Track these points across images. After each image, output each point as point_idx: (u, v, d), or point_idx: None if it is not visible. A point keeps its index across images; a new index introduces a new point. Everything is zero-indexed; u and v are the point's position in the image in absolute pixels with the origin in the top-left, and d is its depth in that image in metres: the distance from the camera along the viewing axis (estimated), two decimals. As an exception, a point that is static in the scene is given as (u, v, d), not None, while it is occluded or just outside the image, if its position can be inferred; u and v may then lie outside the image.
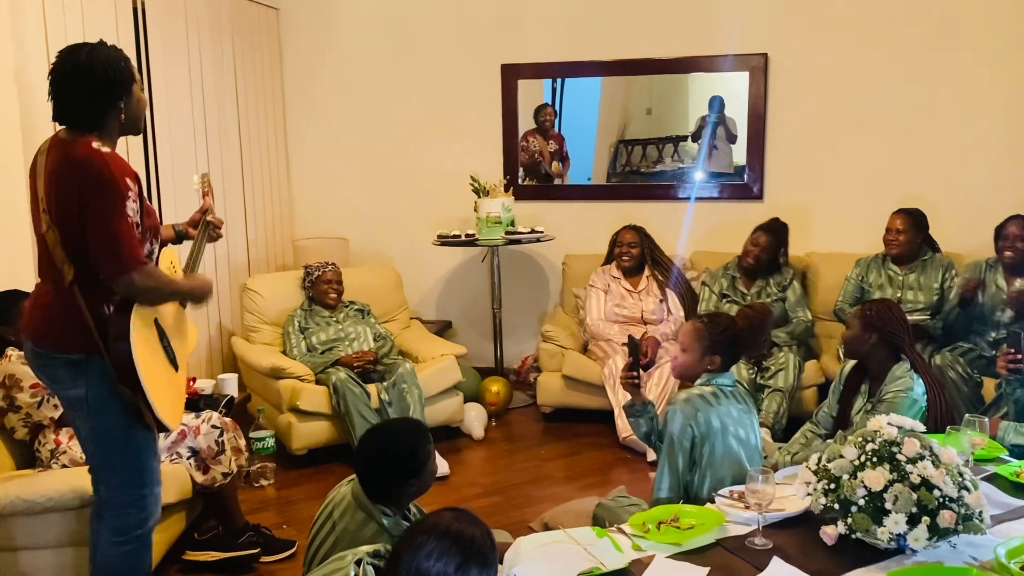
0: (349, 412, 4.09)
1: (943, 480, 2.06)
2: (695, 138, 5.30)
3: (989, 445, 2.74)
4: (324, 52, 5.63)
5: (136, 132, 2.54)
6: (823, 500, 2.17)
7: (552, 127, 5.53)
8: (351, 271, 4.90)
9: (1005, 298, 4.08)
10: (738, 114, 5.18)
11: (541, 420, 4.91)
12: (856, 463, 2.14)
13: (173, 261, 2.67)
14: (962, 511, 2.05)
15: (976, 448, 2.57)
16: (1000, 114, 4.77)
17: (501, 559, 2.33)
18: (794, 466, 2.91)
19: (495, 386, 4.96)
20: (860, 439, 2.20)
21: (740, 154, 5.22)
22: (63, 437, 3.09)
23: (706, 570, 2.08)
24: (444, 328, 5.58)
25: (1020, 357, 3.16)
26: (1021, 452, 2.85)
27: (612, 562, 2.12)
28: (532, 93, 5.48)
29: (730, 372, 2.74)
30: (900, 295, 4.41)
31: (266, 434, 4.25)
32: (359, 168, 5.70)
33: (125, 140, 4.05)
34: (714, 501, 2.46)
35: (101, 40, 2.42)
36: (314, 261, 4.78)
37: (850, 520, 2.09)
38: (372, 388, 4.24)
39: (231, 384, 4.26)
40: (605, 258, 5.03)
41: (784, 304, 4.62)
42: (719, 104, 5.22)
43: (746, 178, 5.21)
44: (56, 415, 3.07)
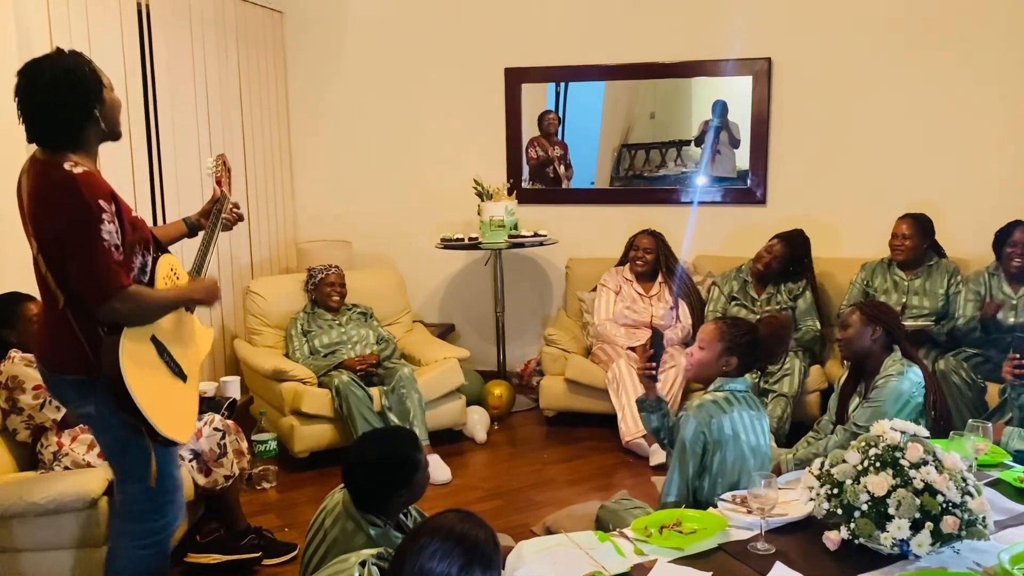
0: (351, 415, 4.09)
1: (946, 485, 2.05)
2: (698, 142, 5.30)
3: (993, 451, 2.73)
4: (328, 55, 5.64)
5: (115, 138, 2.42)
6: (826, 505, 2.16)
7: (556, 133, 5.53)
8: (354, 274, 4.90)
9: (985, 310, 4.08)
10: (741, 118, 5.18)
11: (544, 424, 4.91)
12: (859, 468, 2.14)
13: (174, 266, 2.60)
14: (965, 517, 2.04)
15: (980, 453, 2.57)
16: (1006, 118, 4.75)
17: (503, 563, 2.33)
18: (797, 471, 2.90)
19: (498, 389, 4.96)
20: (863, 444, 2.19)
21: (743, 158, 5.22)
22: (65, 439, 3.09)
23: (708, 575, 2.08)
24: (447, 331, 5.58)
25: (1021, 360, 3.16)
26: (1025, 458, 2.84)
27: (614, 566, 2.12)
28: (536, 97, 5.48)
29: (744, 378, 2.72)
30: (905, 300, 4.40)
31: (268, 437, 4.25)
32: (362, 171, 5.71)
33: (129, 145, 4.07)
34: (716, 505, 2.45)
35: (58, 49, 2.32)
36: (317, 264, 4.79)
37: (853, 525, 2.09)
38: (375, 391, 4.24)
39: (233, 387, 4.25)
40: (620, 259, 5.02)
41: (794, 312, 4.60)
42: (722, 108, 5.22)
43: (749, 183, 5.21)
44: (58, 417, 3.07)
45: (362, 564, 1.86)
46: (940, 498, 2.04)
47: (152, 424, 2.32)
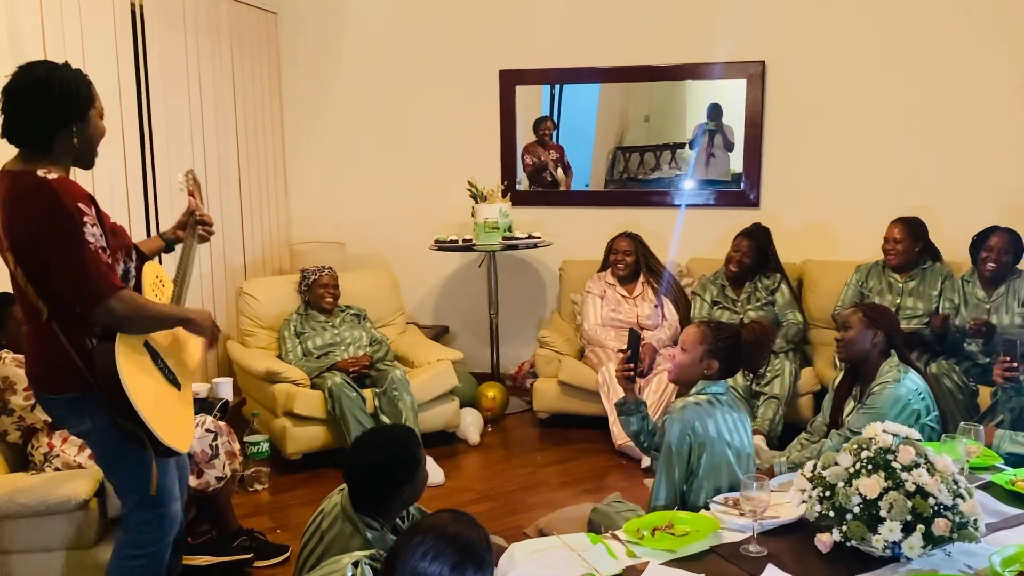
0: (344, 417, 4.08)
1: (938, 488, 2.06)
2: (692, 145, 5.31)
3: (984, 453, 2.73)
4: (323, 57, 5.63)
5: (86, 166, 2.34)
6: (818, 507, 2.16)
7: (550, 139, 5.53)
8: (348, 275, 4.89)
9: (968, 326, 4.07)
10: (735, 122, 5.19)
11: (537, 426, 4.91)
12: (851, 471, 2.14)
13: (159, 274, 2.54)
14: (957, 519, 2.05)
15: (971, 456, 2.58)
16: (1000, 122, 4.77)
17: (496, 564, 2.33)
18: (789, 473, 2.91)
19: (491, 391, 4.96)
20: (855, 446, 2.20)
21: (737, 162, 5.23)
22: (56, 440, 3.08)
23: (700, 577, 2.08)
24: (441, 333, 5.58)
25: (1016, 365, 3.17)
26: (1017, 460, 2.85)
27: (606, 568, 2.12)
28: (531, 99, 5.49)
29: (724, 381, 2.73)
30: (899, 302, 4.41)
31: (261, 438, 4.24)
32: (356, 172, 5.70)
33: (122, 146, 4.06)
34: (709, 508, 2.45)
35: (66, 62, 2.29)
36: (311, 265, 4.78)
37: (845, 528, 2.09)
38: (368, 393, 4.24)
39: (226, 388, 4.24)
40: (601, 265, 5.04)
41: (774, 308, 4.62)
42: (717, 112, 5.23)
43: (743, 186, 5.22)
44: (49, 418, 3.06)
45: (355, 564, 1.85)
46: (932, 501, 2.04)
47: (154, 432, 2.27)
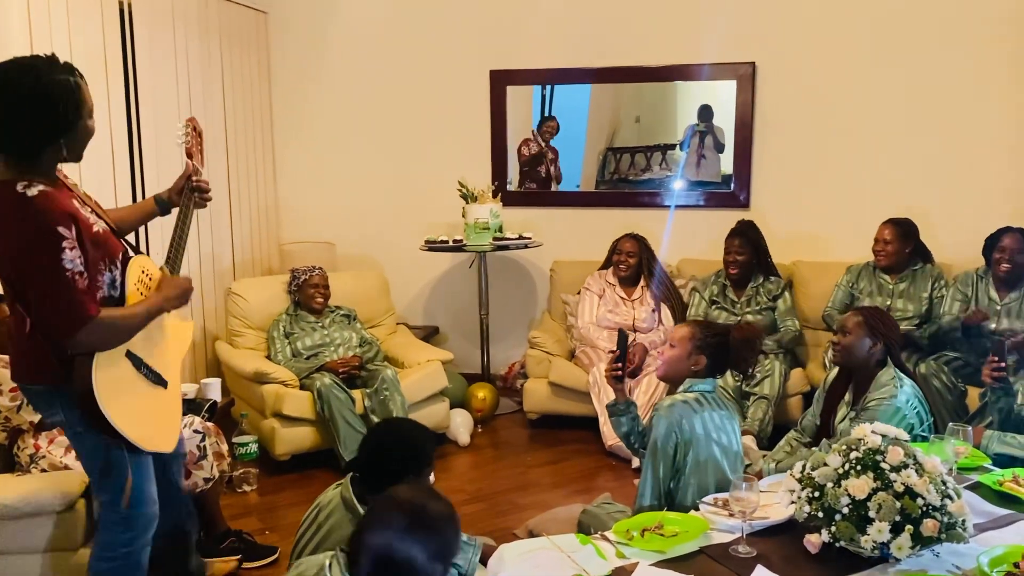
0: (333, 418, 4.07)
1: (926, 489, 2.06)
2: (683, 147, 5.31)
3: (972, 454, 2.74)
4: (313, 56, 5.62)
5: (76, 160, 2.27)
6: (807, 508, 2.17)
7: (552, 138, 5.53)
8: (337, 276, 4.87)
9: (967, 317, 4.06)
10: (726, 123, 5.20)
11: (527, 426, 4.90)
12: (840, 471, 2.14)
13: (145, 268, 2.46)
14: (945, 520, 2.05)
15: (960, 457, 2.58)
16: (991, 123, 4.79)
17: (484, 562, 2.33)
18: (778, 474, 2.91)
19: (481, 392, 4.95)
20: (844, 447, 2.20)
21: (728, 163, 5.23)
22: (43, 441, 3.05)
23: (689, 578, 2.08)
24: (431, 334, 5.57)
25: (1003, 365, 3.18)
26: (1005, 461, 2.86)
27: (596, 569, 2.11)
28: (521, 99, 5.48)
29: (711, 379, 2.73)
30: (890, 303, 4.42)
31: (249, 439, 4.22)
32: (346, 172, 5.69)
33: (110, 145, 4.04)
34: (698, 508, 2.45)
35: (52, 60, 2.14)
36: (300, 265, 4.76)
37: (834, 528, 2.09)
38: (357, 394, 4.22)
39: (214, 389, 4.23)
40: (603, 263, 5.02)
41: (774, 313, 4.63)
42: (707, 113, 5.23)
43: (733, 187, 5.22)
44: (35, 419, 3.04)
45: (333, 555, 1.86)
46: (920, 501, 2.05)
47: (134, 443, 2.28)
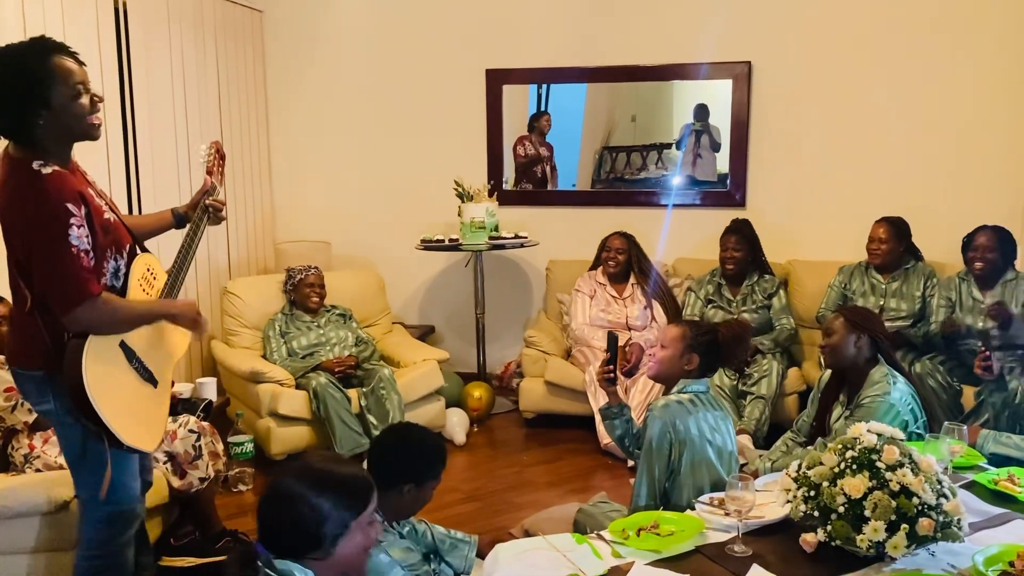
0: (329, 417, 4.06)
1: (922, 488, 2.06)
2: (680, 146, 5.31)
3: (968, 453, 2.74)
4: (308, 55, 5.61)
5: (85, 138, 2.26)
6: (803, 507, 2.17)
7: (547, 134, 5.52)
8: (333, 275, 4.87)
9: (984, 309, 4.05)
10: (722, 122, 5.20)
11: (523, 426, 4.90)
12: (836, 470, 2.14)
13: (151, 266, 2.50)
14: (941, 519, 2.05)
15: (955, 456, 2.58)
16: (983, 124, 4.79)
17: (482, 555, 2.35)
18: (774, 473, 2.91)
19: (477, 391, 4.95)
20: (840, 446, 2.20)
21: (724, 162, 5.23)
22: (37, 441, 3.05)
23: (685, 577, 2.08)
24: (427, 333, 5.56)
25: (988, 354, 3.21)
26: (1000, 461, 2.86)
27: (591, 569, 2.11)
28: (517, 98, 5.47)
29: (705, 380, 2.74)
30: (883, 303, 4.43)
31: (245, 439, 4.21)
32: (342, 171, 5.68)
33: (105, 144, 4.02)
34: (694, 508, 2.45)
35: (24, 41, 2.17)
36: (296, 264, 4.75)
37: (829, 527, 2.09)
38: (353, 393, 4.22)
39: (210, 388, 4.21)
40: (592, 263, 5.03)
41: (769, 311, 4.64)
42: (703, 112, 5.23)
43: (728, 186, 5.23)
44: (30, 419, 3.03)
45: None
46: (916, 500, 2.05)
47: (115, 433, 2.25)
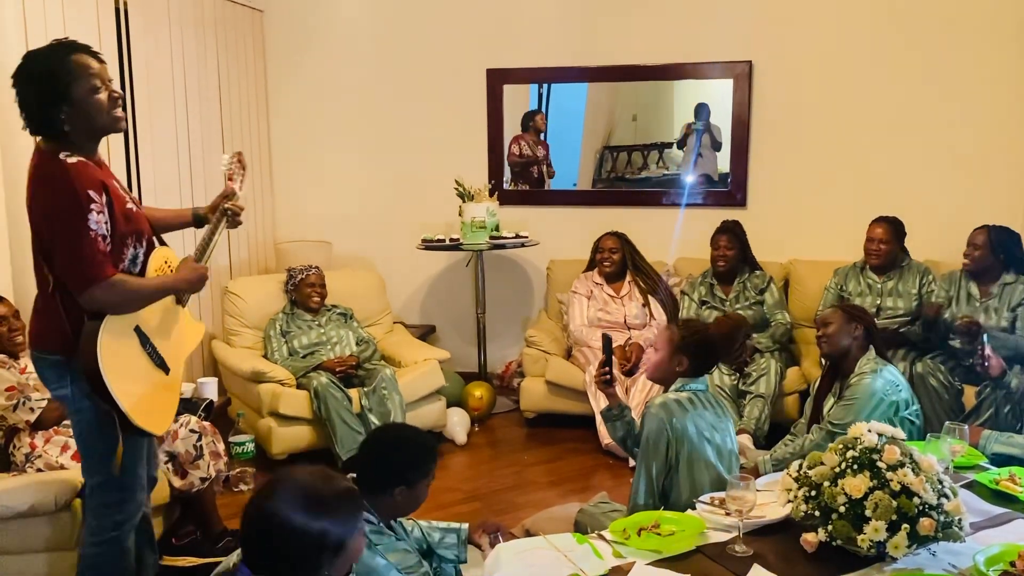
0: (330, 417, 4.07)
1: (923, 487, 2.06)
2: (680, 145, 5.31)
3: (969, 453, 2.74)
4: (309, 55, 5.60)
5: (109, 131, 2.41)
6: (804, 507, 2.16)
7: (542, 133, 5.52)
8: (334, 275, 4.87)
9: (957, 324, 4.03)
10: (722, 121, 5.20)
11: (524, 425, 4.90)
12: (837, 470, 2.14)
13: (168, 259, 2.58)
14: (942, 518, 2.05)
15: (956, 455, 2.58)
16: (985, 123, 4.79)
17: (472, 542, 2.37)
18: (775, 472, 2.91)
19: (478, 391, 4.95)
20: (841, 446, 2.20)
21: (724, 161, 5.23)
22: (39, 441, 3.05)
23: (686, 577, 2.08)
24: (427, 333, 5.56)
25: (979, 351, 3.27)
26: (1002, 461, 2.86)
27: (592, 569, 2.11)
28: (518, 98, 5.47)
29: (703, 378, 2.74)
30: (880, 303, 4.43)
31: (246, 438, 4.22)
32: (343, 171, 5.68)
33: (105, 143, 4.01)
34: (693, 507, 2.45)
35: (50, 44, 2.33)
36: (297, 264, 4.75)
37: (831, 527, 2.09)
38: (354, 393, 4.22)
39: (211, 388, 4.21)
40: (587, 264, 5.03)
41: (763, 308, 4.64)
42: (704, 112, 5.23)
43: (729, 185, 5.22)
44: (32, 418, 3.04)
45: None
46: (917, 500, 2.04)
47: (125, 413, 2.32)
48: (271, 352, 4.45)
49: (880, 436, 2.19)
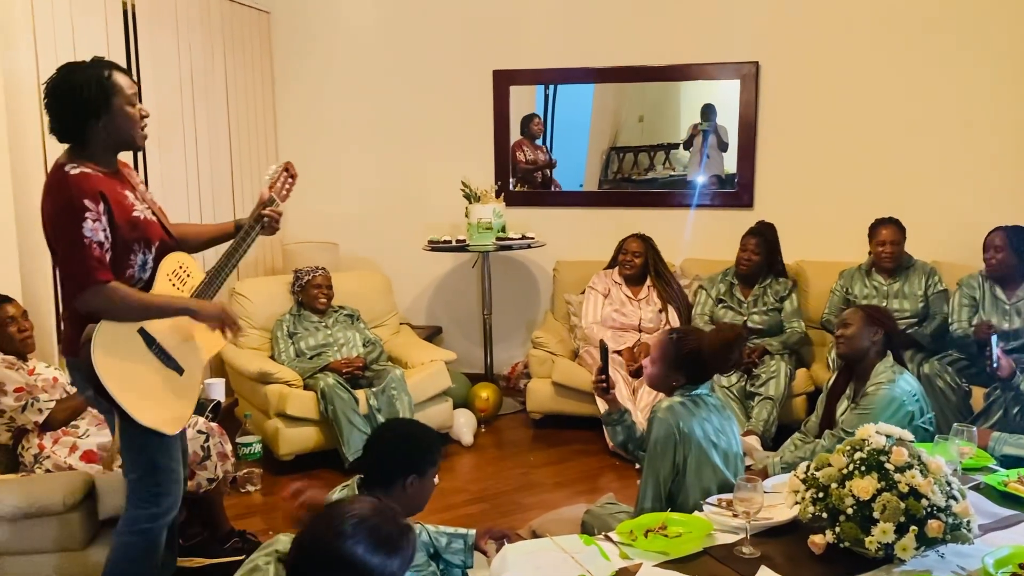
0: (337, 418, 4.07)
1: (931, 489, 2.05)
2: (687, 146, 5.31)
3: (977, 455, 2.73)
4: (316, 56, 5.62)
5: (132, 146, 2.53)
6: (811, 509, 2.16)
7: (539, 137, 5.52)
8: (341, 276, 4.87)
9: (975, 328, 4.02)
10: (729, 122, 5.19)
11: (530, 426, 4.90)
12: (844, 472, 2.14)
13: (183, 264, 2.61)
14: (950, 520, 2.04)
15: (964, 457, 2.57)
16: (995, 124, 4.78)
17: (479, 548, 2.40)
18: (783, 474, 2.90)
19: (485, 392, 4.95)
20: (848, 447, 2.19)
21: (731, 162, 5.23)
22: (47, 442, 3.06)
23: (693, 579, 2.07)
24: (434, 334, 5.57)
25: (988, 353, 3.24)
26: (1011, 463, 2.85)
27: (599, 570, 2.11)
28: (524, 99, 5.48)
29: (708, 382, 2.72)
30: (886, 304, 4.40)
31: (253, 439, 4.23)
32: (349, 172, 5.69)
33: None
34: (700, 510, 2.44)
35: (93, 58, 2.42)
36: (303, 265, 4.76)
37: (838, 529, 2.08)
38: (360, 394, 4.22)
39: (218, 389, 4.23)
40: (609, 262, 5.02)
41: (779, 314, 4.62)
42: (711, 112, 5.23)
43: (736, 186, 5.22)
44: (40, 419, 3.05)
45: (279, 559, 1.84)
46: (925, 502, 2.03)
47: (126, 411, 2.36)
48: (278, 353, 4.46)
49: (888, 438, 2.18)
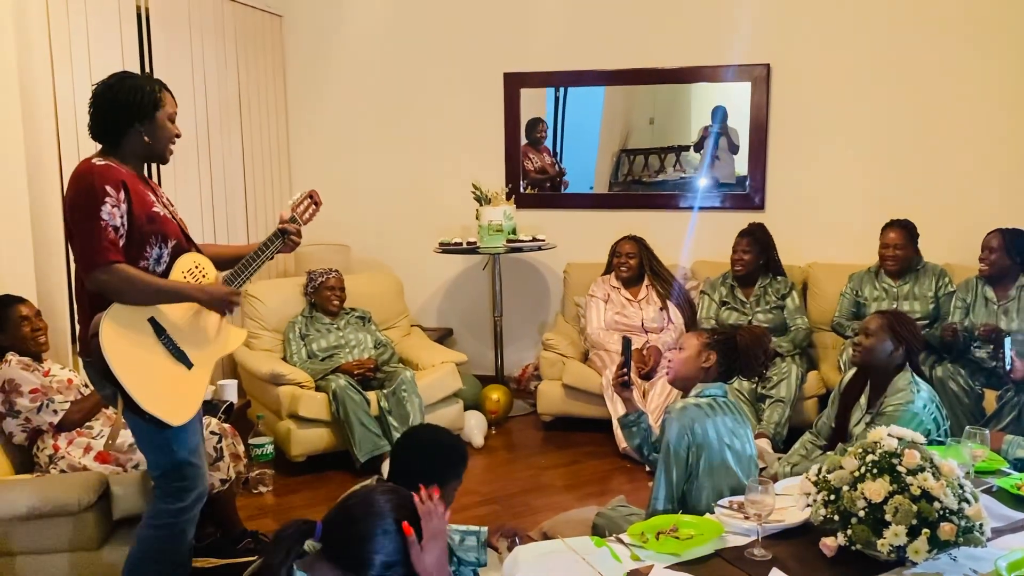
0: (348, 419, 4.09)
1: (943, 492, 2.04)
2: (697, 148, 5.30)
3: (990, 457, 2.72)
4: (328, 59, 5.64)
5: (158, 158, 2.62)
6: (823, 511, 2.16)
7: (543, 142, 5.53)
8: (352, 278, 4.89)
9: (978, 332, 4.04)
10: (740, 124, 5.19)
11: (541, 428, 4.90)
12: (856, 474, 2.13)
13: (199, 264, 2.62)
14: (962, 523, 2.04)
15: (977, 460, 2.56)
16: (1004, 128, 4.76)
17: (490, 544, 2.47)
18: (794, 477, 2.90)
19: (495, 394, 4.96)
20: (860, 450, 2.19)
21: (742, 164, 5.22)
22: (61, 442, 3.08)
23: (705, 581, 2.07)
24: (445, 336, 5.58)
25: (1000, 355, 3.22)
26: (1023, 465, 2.83)
27: (610, 572, 2.11)
28: (535, 102, 5.49)
29: (721, 384, 2.73)
30: (896, 307, 4.39)
31: (265, 440, 4.25)
32: (361, 175, 5.71)
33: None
34: (712, 512, 2.44)
35: (143, 72, 2.55)
36: (315, 268, 4.78)
37: (850, 532, 2.08)
38: (372, 395, 4.24)
39: (231, 390, 4.25)
40: (605, 268, 5.03)
41: (782, 312, 4.62)
42: (722, 114, 5.23)
43: (747, 188, 5.21)
44: (55, 420, 3.07)
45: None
46: (937, 505, 2.03)
47: (131, 395, 2.38)
48: (290, 355, 4.48)
49: (900, 440, 2.18)
